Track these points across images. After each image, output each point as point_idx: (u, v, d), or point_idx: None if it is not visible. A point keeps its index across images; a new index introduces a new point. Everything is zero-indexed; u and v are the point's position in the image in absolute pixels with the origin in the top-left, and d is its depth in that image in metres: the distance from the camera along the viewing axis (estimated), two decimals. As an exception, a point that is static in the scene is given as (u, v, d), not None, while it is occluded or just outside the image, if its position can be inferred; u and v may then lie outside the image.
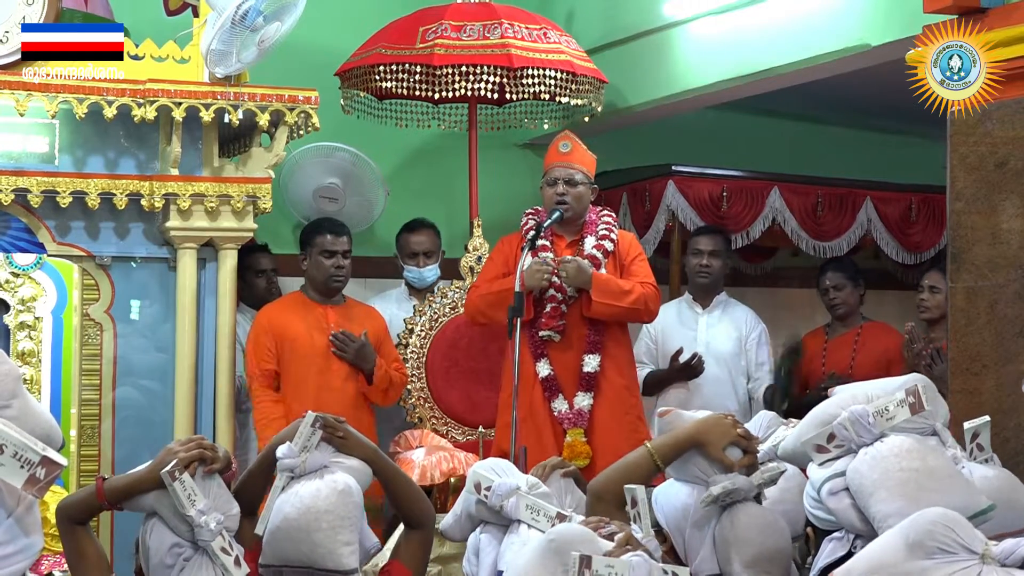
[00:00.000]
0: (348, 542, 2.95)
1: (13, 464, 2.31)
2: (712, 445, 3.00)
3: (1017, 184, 4.06)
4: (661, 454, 3.03)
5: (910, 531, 2.31)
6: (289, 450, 3.05)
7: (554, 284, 4.91)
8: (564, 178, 4.95)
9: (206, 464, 2.99)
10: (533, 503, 3.02)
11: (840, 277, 5.90)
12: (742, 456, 3.02)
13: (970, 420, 3.19)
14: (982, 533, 2.35)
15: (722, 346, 5.71)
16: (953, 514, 2.32)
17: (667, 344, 5.70)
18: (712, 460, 3.00)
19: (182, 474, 2.91)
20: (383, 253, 6.38)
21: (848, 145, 7.61)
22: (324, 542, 2.92)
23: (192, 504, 2.90)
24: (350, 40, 5.94)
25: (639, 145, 6.95)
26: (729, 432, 3.02)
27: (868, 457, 2.83)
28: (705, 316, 5.77)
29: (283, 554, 2.96)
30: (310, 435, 3.07)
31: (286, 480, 3.03)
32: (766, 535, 2.94)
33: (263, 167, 4.88)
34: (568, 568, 2.39)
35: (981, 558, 2.24)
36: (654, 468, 3.04)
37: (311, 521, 2.93)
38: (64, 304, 4.84)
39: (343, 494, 2.98)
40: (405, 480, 3.26)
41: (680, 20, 6.05)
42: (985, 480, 3.00)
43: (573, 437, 4.87)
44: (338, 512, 2.94)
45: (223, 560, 2.90)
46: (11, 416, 2.37)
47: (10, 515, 2.36)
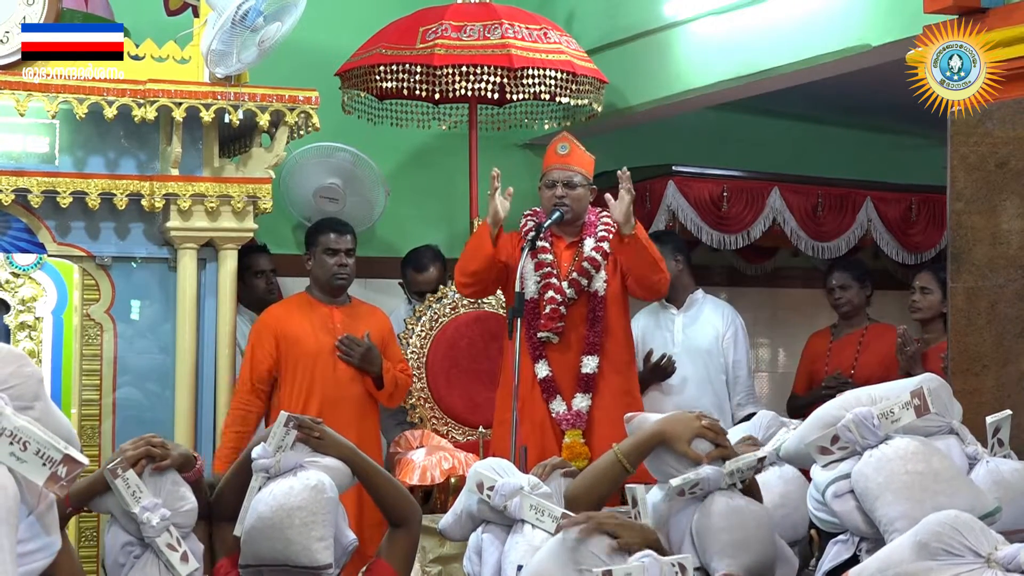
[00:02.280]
0: (321, 538, 2.95)
1: (35, 461, 2.32)
2: (677, 440, 3.00)
3: (1017, 184, 4.06)
4: (627, 455, 3.03)
5: (920, 532, 2.33)
6: (264, 450, 3.08)
7: (553, 286, 4.91)
8: (563, 180, 4.93)
9: (155, 461, 3.01)
10: (537, 503, 3.02)
11: (846, 277, 5.89)
12: (712, 449, 3.01)
13: (991, 415, 3.18)
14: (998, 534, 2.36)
15: (699, 344, 5.70)
16: (966, 518, 2.32)
17: (646, 346, 5.69)
18: (678, 455, 3.00)
19: (125, 472, 2.95)
20: (383, 253, 6.39)
21: (848, 145, 7.61)
22: (297, 539, 2.93)
23: (136, 501, 2.94)
24: (350, 40, 5.94)
25: (639, 145, 6.95)
26: (692, 425, 3.02)
27: (873, 460, 2.83)
28: (680, 316, 5.76)
29: (259, 553, 2.98)
30: (284, 435, 3.08)
31: (262, 480, 3.05)
32: (734, 523, 2.93)
33: (263, 167, 4.88)
34: (580, 568, 2.40)
35: (986, 562, 2.24)
36: (622, 470, 3.04)
37: (283, 518, 2.94)
38: (64, 304, 4.84)
39: (315, 490, 2.98)
40: (385, 478, 3.25)
41: (680, 20, 6.04)
42: (1016, 473, 3.00)
43: (572, 438, 4.86)
44: (310, 508, 2.95)
45: (168, 556, 2.93)
46: (34, 417, 2.38)
47: (31, 512, 2.37)
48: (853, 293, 5.88)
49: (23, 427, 2.31)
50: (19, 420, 2.31)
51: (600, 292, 4.95)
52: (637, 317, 5.82)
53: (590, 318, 4.93)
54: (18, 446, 2.30)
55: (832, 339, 5.96)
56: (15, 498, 2.28)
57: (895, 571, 2.32)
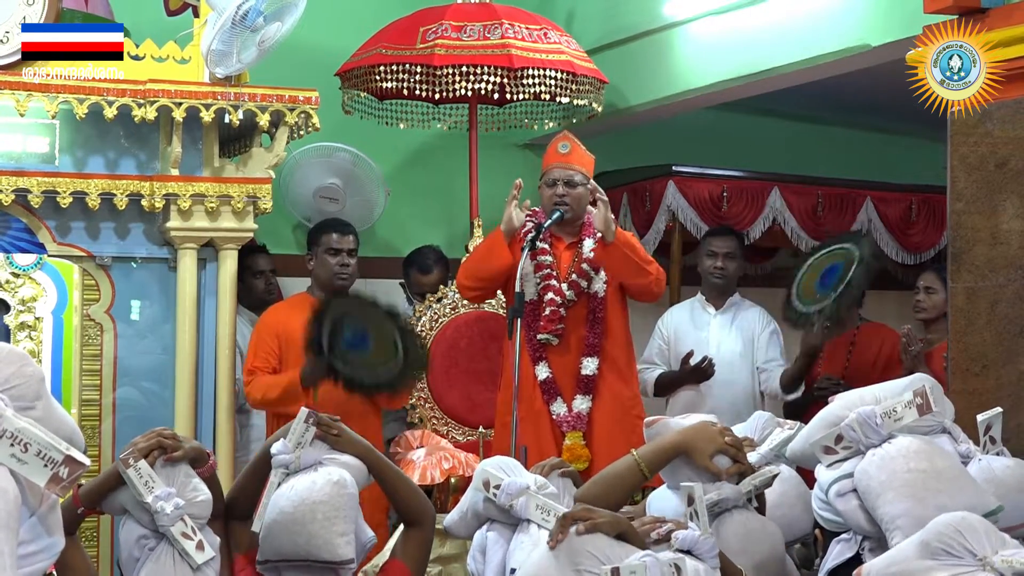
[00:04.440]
0: (344, 532, 2.96)
1: (37, 463, 2.32)
2: (699, 453, 2.97)
3: (1017, 184, 4.06)
4: (648, 462, 3.01)
5: (927, 531, 2.35)
6: (283, 446, 3.09)
7: (552, 288, 4.91)
8: (563, 179, 4.93)
9: (166, 452, 3.03)
10: (543, 503, 3.02)
11: None
12: (731, 464, 2.99)
13: (982, 413, 3.19)
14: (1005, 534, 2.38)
15: (734, 348, 5.65)
16: (972, 519, 2.33)
17: (679, 345, 5.66)
18: (699, 468, 2.98)
19: (137, 462, 2.96)
20: (384, 253, 6.39)
21: (848, 145, 7.61)
22: (320, 533, 2.94)
23: (150, 491, 2.95)
24: (350, 40, 5.94)
25: (639, 145, 6.95)
26: (716, 440, 2.99)
27: (876, 458, 2.83)
28: (718, 317, 5.72)
29: (280, 548, 2.98)
30: (304, 431, 3.11)
31: (281, 476, 3.07)
32: (751, 544, 2.92)
33: (263, 167, 4.88)
34: (579, 569, 2.39)
35: (982, 564, 2.25)
36: (641, 477, 3.02)
37: (306, 513, 2.95)
38: (64, 304, 4.83)
39: (338, 485, 3.00)
40: (401, 478, 3.27)
41: (680, 20, 6.05)
42: (1007, 470, 3.00)
43: (572, 440, 4.86)
44: (333, 503, 2.97)
45: (183, 545, 2.94)
46: (36, 417, 2.38)
47: (33, 514, 2.37)
48: None
49: (24, 428, 2.31)
50: (20, 422, 2.31)
51: (600, 293, 4.95)
52: (667, 314, 5.80)
53: (590, 319, 4.93)
54: (19, 447, 2.31)
55: (825, 340, 5.94)
56: (16, 501, 2.28)
57: (898, 568, 2.34)
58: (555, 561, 2.46)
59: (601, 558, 2.44)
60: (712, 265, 5.72)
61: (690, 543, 2.55)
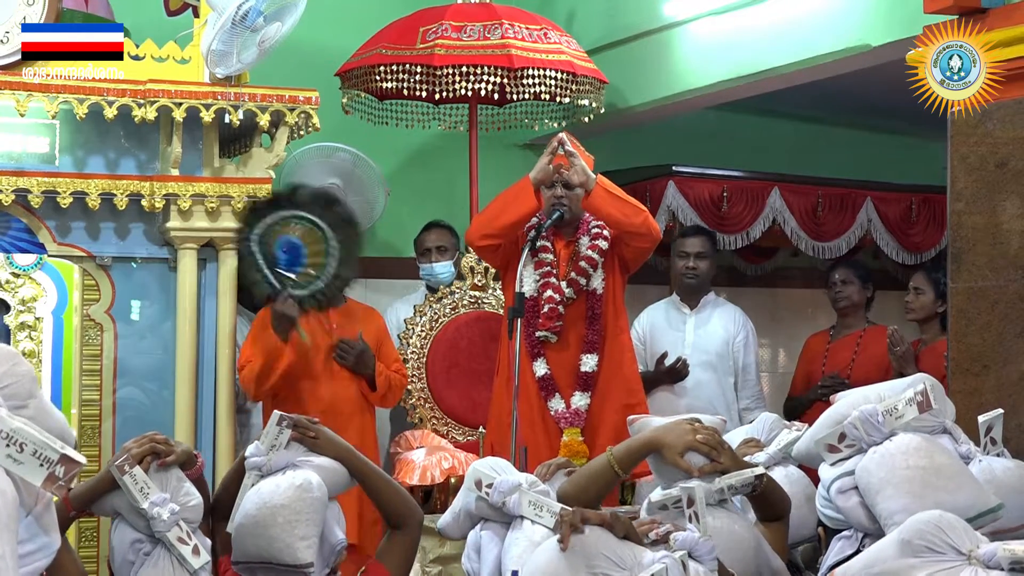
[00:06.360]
0: (304, 536, 2.95)
1: (33, 462, 2.32)
2: (668, 449, 2.97)
3: (1017, 184, 4.06)
4: (619, 460, 3.02)
5: (904, 530, 2.33)
6: (256, 448, 3.10)
7: (552, 285, 4.91)
8: (562, 181, 4.94)
9: (159, 457, 3.03)
10: (535, 499, 3.02)
11: (850, 273, 5.91)
12: (705, 463, 2.97)
13: (983, 414, 3.19)
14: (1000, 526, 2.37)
15: (710, 347, 5.67)
16: (950, 517, 2.33)
17: (655, 345, 5.68)
18: (669, 465, 2.98)
19: (132, 468, 2.97)
20: (384, 253, 6.39)
21: (848, 145, 7.61)
22: (281, 536, 2.94)
23: (145, 496, 2.95)
24: (350, 40, 5.94)
25: (639, 145, 6.95)
26: (686, 438, 2.97)
27: (876, 455, 2.84)
28: (693, 317, 5.74)
29: (246, 550, 2.99)
30: (277, 434, 3.10)
31: (255, 478, 3.07)
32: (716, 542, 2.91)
33: (263, 167, 4.88)
34: (594, 571, 2.39)
35: (967, 559, 2.25)
36: (613, 475, 3.03)
37: (267, 516, 2.95)
38: (64, 304, 4.83)
39: (301, 489, 2.99)
40: (383, 480, 3.24)
41: (680, 20, 6.05)
42: (1008, 471, 3.01)
43: (570, 437, 4.86)
44: (294, 507, 2.96)
45: (180, 550, 2.95)
46: (29, 416, 2.37)
47: (29, 513, 2.36)
48: (854, 290, 5.88)
49: (19, 428, 2.30)
50: (15, 422, 2.31)
51: (599, 291, 4.95)
52: (643, 314, 5.81)
53: (589, 316, 4.94)
54: (15, 448, 2.30)
55: (830, 340, 5.96)
56: (14, 503, 2.28)
57: (879, 568, 2.32)
58: (567, 562, 2.43)
59: (615, 559, 2.42)
60: (684, 265, 5.74)
61: (689, 544, 2.54)
